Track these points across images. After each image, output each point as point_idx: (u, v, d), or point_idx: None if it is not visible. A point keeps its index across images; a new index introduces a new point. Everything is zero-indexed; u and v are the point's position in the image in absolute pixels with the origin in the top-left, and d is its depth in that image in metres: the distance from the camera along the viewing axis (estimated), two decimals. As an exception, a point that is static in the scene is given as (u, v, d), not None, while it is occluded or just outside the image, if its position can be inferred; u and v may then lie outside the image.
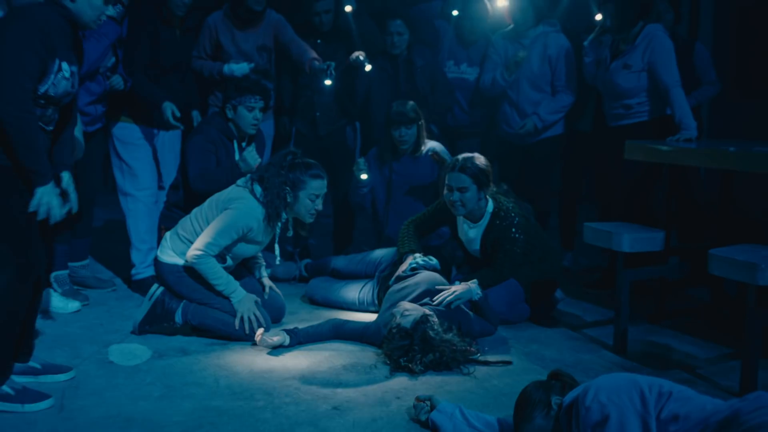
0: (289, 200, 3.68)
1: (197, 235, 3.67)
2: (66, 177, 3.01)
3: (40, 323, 3.47)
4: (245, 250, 3.78)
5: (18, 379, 2.91)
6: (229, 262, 3.76)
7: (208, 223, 3.67)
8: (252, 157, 4.21)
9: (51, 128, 2.95)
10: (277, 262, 4.09)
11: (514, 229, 3.94)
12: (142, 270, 4.48)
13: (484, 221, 4.02)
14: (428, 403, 2.75)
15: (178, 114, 4.26)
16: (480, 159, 4.00)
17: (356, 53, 4.68)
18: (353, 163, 4.77)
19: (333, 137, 5.01)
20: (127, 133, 4.38)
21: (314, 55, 4.56)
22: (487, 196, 4.00)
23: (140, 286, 4.41)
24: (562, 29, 4.89)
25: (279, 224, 3.75)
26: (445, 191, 3.99)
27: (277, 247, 3.91)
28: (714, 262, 3.06)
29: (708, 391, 2.97)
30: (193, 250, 3.58)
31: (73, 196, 3.02)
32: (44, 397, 2.86)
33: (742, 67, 6.01)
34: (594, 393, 2.22)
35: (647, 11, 4.27)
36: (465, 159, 3.98)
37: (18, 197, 2.78)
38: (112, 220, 5.50)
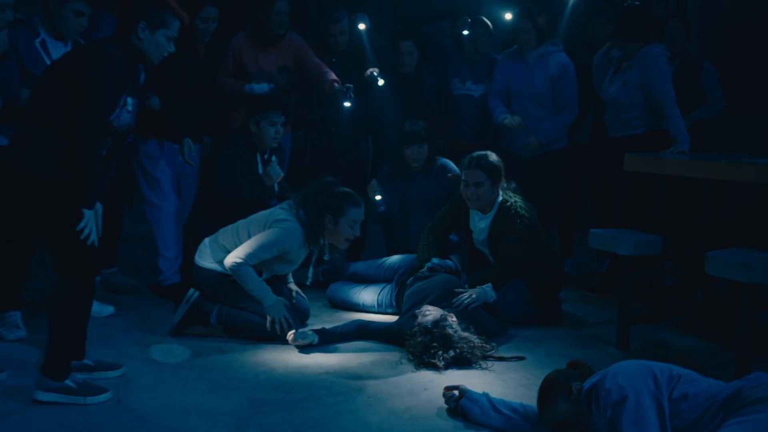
0: (329, 226, 3.96)
1: (234, 246, 3.94)
2: (99, 207, 3.15)
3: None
4: (280, 268, 4.07)
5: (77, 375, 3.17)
6: (265, 275, 4.03)
7: (250, 237, 3.94)
8: (275, 172, 4.51)
9: (104, 153, 3.20)
10: (308, 283, 4.34)
11: (518, 221, 4.26)
12: (170, 276, 4.73)
13: (493, 212, 4.35)
14: (457, 392, 3.04)
15: (193, 152, 4.49)
16: (493, 156, 4.36)
17: (370, 69, 4.97)
18: (366, 175, 5.06)
19: (347, 151, 5.29)
20: (153, 148, 4.63)
21: (333, 76, 4.84)
22: (499, 190, 4.34)
23: (168, 292, 4.67)
24: (564, 48, 5.20)
25: (316, 248, 4.02)
26: (462, 186, 4.32)
27: (311, 269, 4.19)
28: (711, 263, 3.37)
29: (707, 380, 3.27)
30: (233, 257, 3.84)
31: (99, 224, 3.14)
32: (103, 390, 3.12)
33: (729, 83, 6.36)
34: (612, 377, 2.51)
35: (650, 30, 4.57)
36: (479, 156, 4.32)
37: (76, 211, 3.03)
38: (131, 233, 5.73)
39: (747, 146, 5.25)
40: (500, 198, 4.34)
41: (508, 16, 5.65)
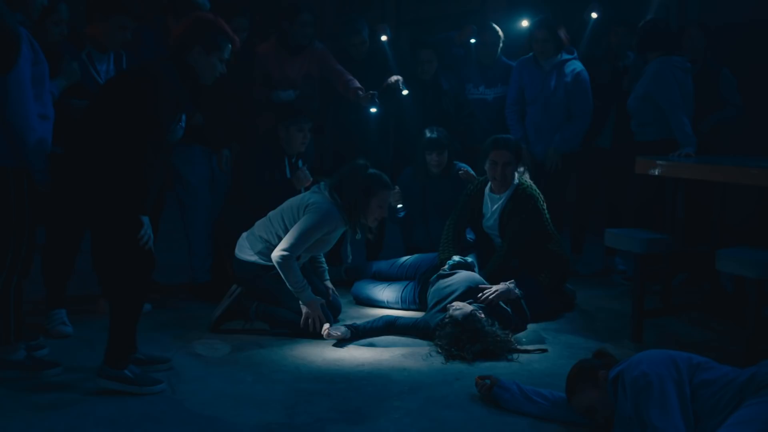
0: (361, 206, 4.19)
1: (275, 235, 4.18)
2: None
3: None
4: (318, 248, 4.29)
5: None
6: (303, 258, 4.25)
7: (286, 224, 4.17)
8: (305, 176, 4.74)
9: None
10: (349, 260, 4.57)
11: (530, 205, 4.57)
12: (201, 275, 4.96)
13: (508, 193, 4.64)
14: (489, 381, 3.27)
15: (230, 161, 4.85)
16: (515, 140, 4.77)
17: (395, 77, 5.19)
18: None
19: (367, 156, 5.51)
20: (188, 153, 4.85)
21: (357, 84, 5.07)
22: (518, 170, 4.65)
23: (200, 290, 4.90)
24: (586, 57, 5.45)
25: (352, 228, 4.26)
26: (488, 166, 4.64)
27: (348, 247, 4.42)
28: (721, 260, 3.61)
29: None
30: (279, 251, 4.06)
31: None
32: (158, 381, 3.35)
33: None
34: (637, 365, 2.75)
35: (667, 41, 4.81)
36: (506, 138, 4.72)
37: (133, 216, 3.23)
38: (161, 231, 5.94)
39: (748, 147, 5.50)
40: (516, 181, 4.64)
41: (525, 23, 5.90)
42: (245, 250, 4.28)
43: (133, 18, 4.08)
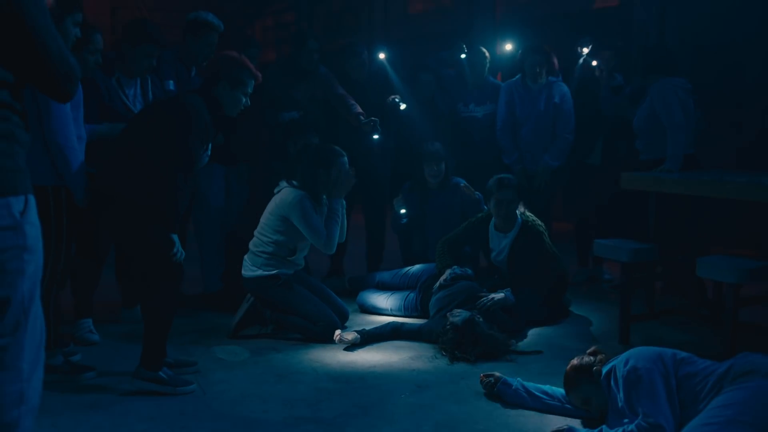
0: (323, 179, 4.52)
1: (265, 245, 4.52)
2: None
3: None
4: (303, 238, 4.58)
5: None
6: (298, 254, 4.57)
7: (269, 229, 4.51)
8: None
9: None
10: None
11: (538, 240, 4.89)
12: (214, 283, 5.25)
13: (515, 231, 4.94)
14: (492, 378, 3.59)
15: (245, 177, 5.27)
16: (512, 177, 5.03)
17: (392, 96, 5.52)
18: (384, 192, 5.62)
19: (368, 170, 5.84)
20: (207, 170, 5.12)
21: (359, 109, 5.38)
22: (519, 206, 4.95)
23: (211, 299, 5.19)
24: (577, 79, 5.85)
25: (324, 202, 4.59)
26: (493, 206, 4.93)
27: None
28: (702, 267, 3.97)
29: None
30: (317, 241, 4.47)
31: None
32: (189, 383, 3.64)
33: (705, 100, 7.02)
34: (628, 360, 3.08)
35: (666, 64, 5.15)
36: (507, 178, 4.98)
37: (163, 232, 3.54)
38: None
39: (719, 159, 5.89)
40: (520, 219, 4.94)
41: (509, 46, 6.31)
42: (248, 268, 4.59)
43: (159, 47, 4.38)
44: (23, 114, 2.22)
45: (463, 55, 6.03)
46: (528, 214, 5.01)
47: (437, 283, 4.81)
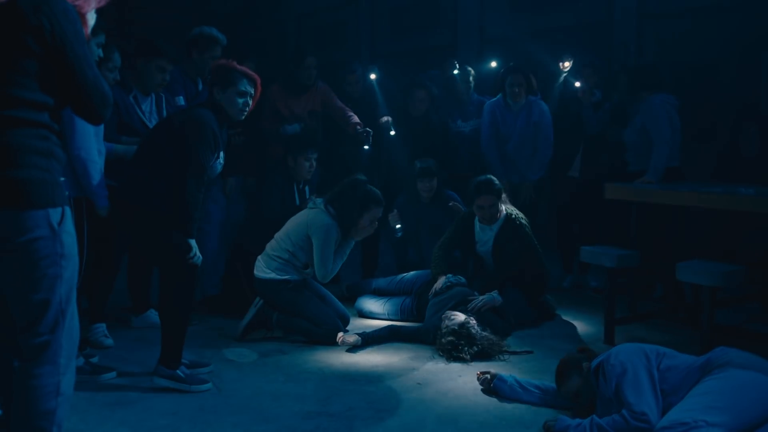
0: (354, 219, 4.77)
1: (284, 251, 4.77)
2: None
3: (156, 335, 4.43)
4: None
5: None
6: (310, 269, 4.82)
7: (293, 241, 4.76)
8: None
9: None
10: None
11: (520, 233, 5.18)
12: (211, 288, 5.49)
13: (498, 224, 5.24)
14: (488, 375, 3.86)
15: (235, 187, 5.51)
16: (494, 180, 5.26)
17: (384, 118, 5.79)
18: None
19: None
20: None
21: (356, 120, 5.68)
22: (501, 205, 5.23)
23: (210, 302, 5.42)
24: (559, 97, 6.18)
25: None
26: (476, 209, 5.21)
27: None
28: (681, 271, 4.27)
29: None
30: (320, 274, 4.72)
31: None
32: (205, 381, 3.88)
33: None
34: (615, 356, 3.36)
35: (651, 83, 5.50)
36: (487, 182, 5.19)
37: (181, 240, 3.79)
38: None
39: (693, 172, 6.22)
40: (505, 212, 5.23)
41: (493, 64, 6.64)
42: (262, 269, 4.84)
43: (171, 61, 4.63)
44: (60, 134, 2.49)
45: (455, 71, 6.33)
46: (511, 208, 5.31)
47: (432, 290, 5.08)
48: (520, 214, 5.30)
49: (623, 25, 7.78)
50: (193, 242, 3.79)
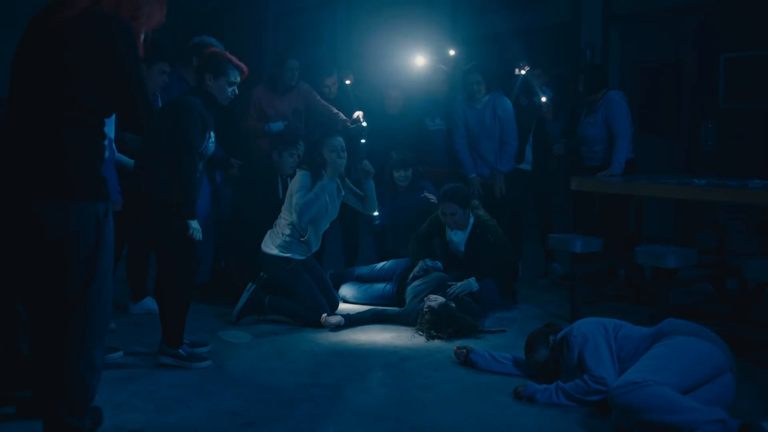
0: (319, 160, 5.16)
1: (284, 227, 5.18)
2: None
3: (153, 320, 4.76)
4: (319, 218, 5.23)
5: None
6: (309, 236, 5.18)
7: (287, 210, 5.18)
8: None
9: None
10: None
11: (489, 236, 5.51)
12: (201, 276, 5.79)
13: (468, 230, 5.58)
14: (465, 350, 4.25)
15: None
16: (460, 188, 5.59)
17: (356, 113, 6.14)
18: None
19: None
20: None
21: (344, 117, 6.03)
22: (469, 212, 5.56)
23: (201, 289, 5.74)
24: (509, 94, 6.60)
25: (336, 182, 5.26)
26: (441, 215, 5.54)
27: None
28: (639, 255, 4.70)
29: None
30: (293, 208, 5.11)
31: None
32: (205, 359, 4.22)
33: (645, 113, 7.83)
34: (577, 328, 3.76)
35: (605, 82, 5.96)
36: (452, 191, 5.51)
37: (182, 221, 4.12)
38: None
39: (658, 166, 6.67)
40: (472, 219, 5.56)
41: (452, 52, 7.04)
42: (268, 245, 5.23)
43: (170, 64, 4.97)
44: (105, 136, 2.81)
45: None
46: (480, 212, 5.63)
47: (411, 274, 5.46)
48: (488, 216, 5.58)
49: (590, 27, 8.21)
50: (193, 223, 4.07)
